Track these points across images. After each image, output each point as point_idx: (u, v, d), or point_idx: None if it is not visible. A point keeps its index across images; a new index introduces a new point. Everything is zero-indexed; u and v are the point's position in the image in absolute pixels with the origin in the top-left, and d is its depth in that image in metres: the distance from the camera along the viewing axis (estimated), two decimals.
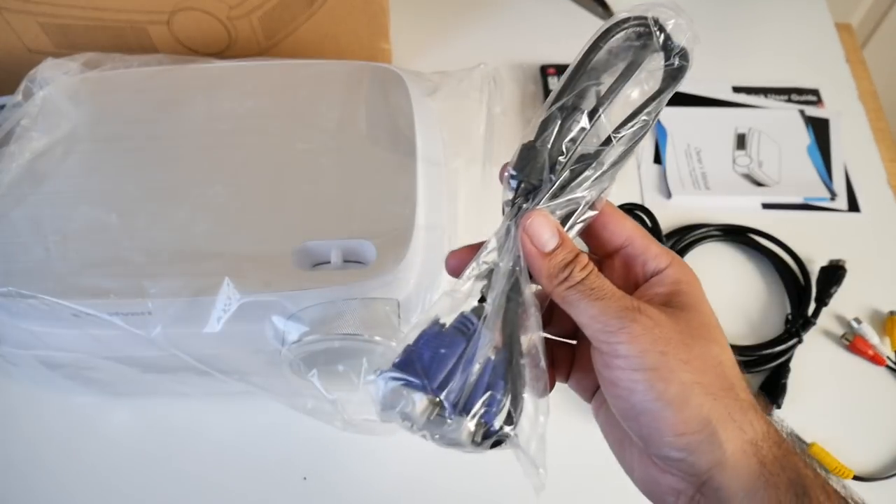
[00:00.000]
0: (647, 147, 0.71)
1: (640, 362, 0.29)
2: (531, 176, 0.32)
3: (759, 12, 0.83)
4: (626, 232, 0.34)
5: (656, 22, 0.32)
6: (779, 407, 0.56)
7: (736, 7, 0.83)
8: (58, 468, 0.54)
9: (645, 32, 0.32)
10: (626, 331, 0.29)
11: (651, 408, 0.29)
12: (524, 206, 0.32)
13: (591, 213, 0.33)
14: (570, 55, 0.33)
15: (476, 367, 0.29)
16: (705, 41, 0.92)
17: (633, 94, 0.33)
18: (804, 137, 0.72)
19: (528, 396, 0.30)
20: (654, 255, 0.33)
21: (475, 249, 0.33)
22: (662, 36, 0.32)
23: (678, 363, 0.29)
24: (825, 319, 0.60)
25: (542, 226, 0.32)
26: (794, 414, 0.56)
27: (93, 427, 0.56)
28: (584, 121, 0.32)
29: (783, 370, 0.58)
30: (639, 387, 0.29)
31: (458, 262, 0.34)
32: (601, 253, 0.35)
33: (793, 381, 0.57)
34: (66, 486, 0.53)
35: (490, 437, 0.28)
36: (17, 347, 0.47)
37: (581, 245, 0.33)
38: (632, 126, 0.32)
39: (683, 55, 0.32)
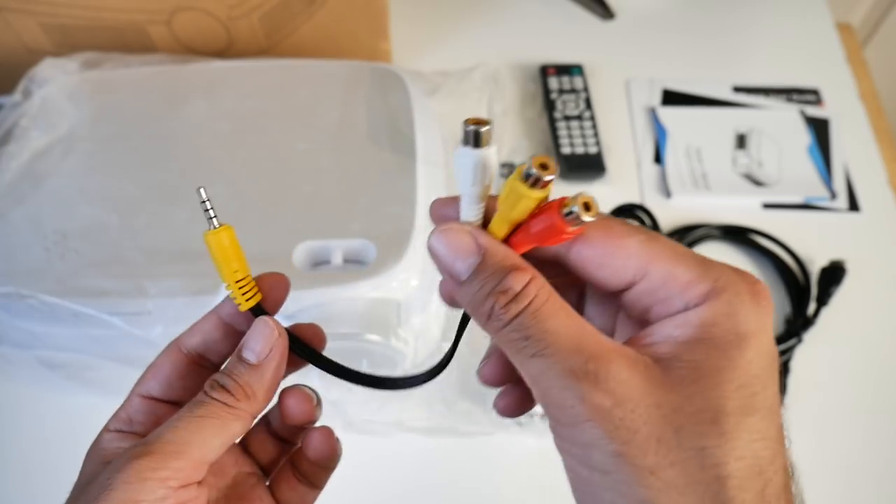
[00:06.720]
0: (647, 147, 0.71)
1: (585, 459, 0.20)
2: None
3: (760, 12, 0.83)
4: (633, 260, 0.21)
5: None
6: None
7: (736, 7, 0.83)
8: (58, 468, 0.53)
9: None
10: (569, 411, 0.20)
11: None
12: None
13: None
14: (570, 55, 0.33)
15: None
16: (706, 41, 0.91)
17: None
18: (804, 137, 0.72)
19: None
20: (682, 286, 0.21)
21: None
22: None
23: (640, 472, 0.19)
24: (825, 319, 0.60)
25: (448, 246, 0.22)
26: (794, 414, 0.56)
27: (93, 427, 0.55)
28: None
29: (783, 370, 0.58)
30: (584, 487, 0.20)
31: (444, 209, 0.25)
32: (613, 293, 0.23)
33: (793, 381, 0.57)
34: (67, 486, 0.53)
35: None
36: (17, 347, 0.47)
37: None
38: None
39: None
